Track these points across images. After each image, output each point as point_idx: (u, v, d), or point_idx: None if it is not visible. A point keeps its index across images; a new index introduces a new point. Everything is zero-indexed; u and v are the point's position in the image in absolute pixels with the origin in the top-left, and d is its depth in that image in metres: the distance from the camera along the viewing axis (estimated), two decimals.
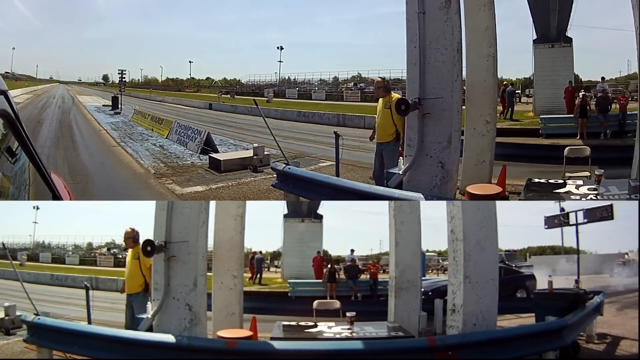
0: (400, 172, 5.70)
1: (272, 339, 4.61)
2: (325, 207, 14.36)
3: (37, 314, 4.99)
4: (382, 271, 11.61)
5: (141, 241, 4.83)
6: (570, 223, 9.73)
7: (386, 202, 5.71)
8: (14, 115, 1.95)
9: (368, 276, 11.20)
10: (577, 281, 7.11)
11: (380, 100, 6.42)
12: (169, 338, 4.09)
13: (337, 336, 4.72)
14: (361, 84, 39.65)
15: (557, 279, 6.21)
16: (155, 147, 13.73)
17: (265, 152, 10.58)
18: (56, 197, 2.98)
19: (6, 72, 60.86)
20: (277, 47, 50.49)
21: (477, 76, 6.13)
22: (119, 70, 29.66)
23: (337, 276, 10.96)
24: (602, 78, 25.25)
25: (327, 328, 4.96)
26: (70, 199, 3.79)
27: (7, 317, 6.98)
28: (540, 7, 18.51)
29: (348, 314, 4.98)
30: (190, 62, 67.96)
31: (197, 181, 9.08)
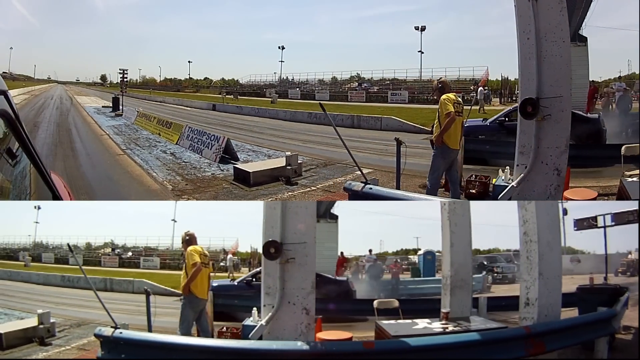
0: (514, 184, 4.99)
1: (394, 337, 4.40)
2: None
3: (116, 327, 4.32)
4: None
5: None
6: (599, 225, 10.11)
7: (387, 203, 5.73)
8: (14, 115, 1.90)
9: (390, 276, 11.31)
10: (605, 278, 7.77)
11: None
12: (302, 345, 3.76)
13: (447, 330, 4.72)
14: (364, 84, 38.08)
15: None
16: (166, 155, 11.90)
17: (299, 161, 8.95)
18: (56, 197, 2.86)
19: (4, 72, 58.26)
20: (279, 47, 48.56)
21: None
22: (120, 69, 27.45)
23: (359, 276, 10.81)
24: (619, 77, 24.05)
25: (428, 324, 4.90)
26: (71, 199, 3.62)
27: (41, 326, 6.22)
28: None
29: (443, 310, 5.06)
30: (189, 62, 65.35)
31: (226, 199, 7.41)
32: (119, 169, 10.16)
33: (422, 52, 38.34)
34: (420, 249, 19.59)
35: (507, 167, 5.41)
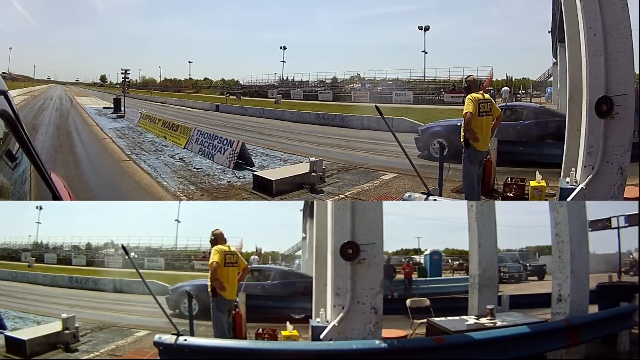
0: (583, 186, 4.88)
1: (454, 332, 4.47)
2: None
3: (179, 334, 3.98)
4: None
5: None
6: (612, 226, 10.60)
7: (387, 203, 5.51)
8: (14, 115, 1.88)
9: (403, 276, 11.04)
10: (619, 276, 8.12)
11: None
12: (380, 344, 3.86)
13: (498, 325, 4.77)
14: (367, 85, 37.24)
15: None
16: (175, 161, 10.90)
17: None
18: (56, 197, 2.81)
19: (3, 73, 56.80)
20: (280, 47, 47.44)
21: (579, 73, 5.62)
22: (122, 69, 26.36)
23: None
24: None
25: (477, 320, 4.96)
26: (71, 199, 3.52)
27: (67, 331, 5.79)
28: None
29: (488, 307, 5.09)
30: (189, 62, 64.11)
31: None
32: (126, 177, 9.17)
33: (426, 52, 37.30)
34: (421, 249, 19.06)
35: (573, 168, 5.28)
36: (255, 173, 8.09)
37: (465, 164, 5.47)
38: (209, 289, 4.70)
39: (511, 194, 6.60)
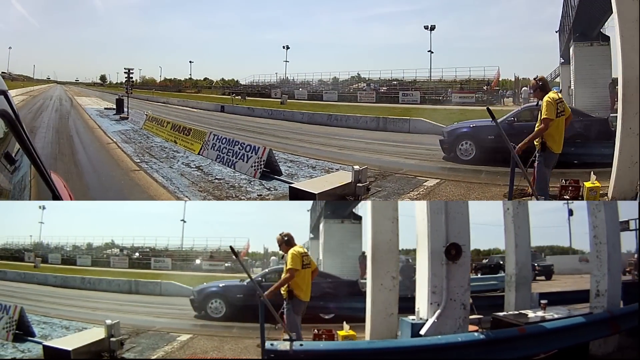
0: None
1: (526, 324, 4.79)
2: None
3: (291, 339, 3.92)
4: None
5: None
6: (630, 228, 10.61)
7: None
8: (14, 115, 1.86)
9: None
10: (638, 275, 8.43)
11: None
12: (478, 335, 4.24)
13: (556, 317, 5.03)
14: (373, 85, 36.02)
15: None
16: (192, 170, 9.70)
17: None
18: (56, 197, 2.75)
19: (3, 73, 55.05)
20: (283, 47, 45.94)
21: (632, 71, 5.68)
22: (125, 69, 24.75)
23: None
24: None
25: (534, 314, 5.22)
26: (71, 199, 3.49)
27: (113, 339, 5.40)
28: (589, 4, 15.88)
29: (542, 302, 5.42)
30: (190, 62, 62.26)
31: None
32: (138, 192, 7.86)
33: (432, 52, 36.05)
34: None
35: None
36: (292, 185, 7.12)
37: (540, 168, 5.29)
38: (283, 291, 4.60)
39: (567, 197, 6.64)
